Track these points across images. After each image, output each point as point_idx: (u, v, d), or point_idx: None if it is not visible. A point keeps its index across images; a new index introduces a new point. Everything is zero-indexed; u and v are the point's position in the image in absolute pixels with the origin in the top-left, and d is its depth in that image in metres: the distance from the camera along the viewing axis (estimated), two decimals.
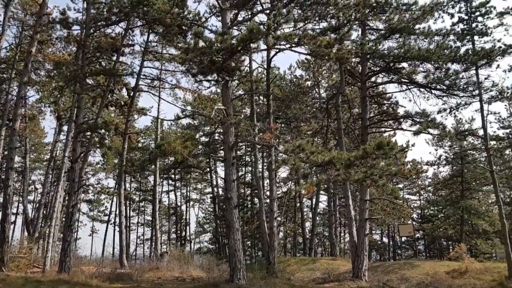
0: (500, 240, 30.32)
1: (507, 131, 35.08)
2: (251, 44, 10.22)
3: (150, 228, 39.91)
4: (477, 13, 17.78)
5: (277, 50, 14.61)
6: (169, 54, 21.42)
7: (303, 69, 30.90)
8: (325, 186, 25.61)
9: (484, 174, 27.50)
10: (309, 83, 30.92)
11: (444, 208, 31.54)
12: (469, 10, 17.95)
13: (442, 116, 15.92)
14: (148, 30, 19.77)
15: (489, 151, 18.41)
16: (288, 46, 11.61)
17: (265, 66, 16.83)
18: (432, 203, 38.07)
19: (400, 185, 42.95)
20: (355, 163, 9.38)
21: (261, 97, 28.74)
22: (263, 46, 11.44)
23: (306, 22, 12.10)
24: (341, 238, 39.29)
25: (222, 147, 32.57)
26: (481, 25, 17.73)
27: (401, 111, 15.99)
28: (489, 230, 28.18)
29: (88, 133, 16.58)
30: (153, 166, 27.38)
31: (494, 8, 17.49)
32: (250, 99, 18.12)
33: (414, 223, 35.43)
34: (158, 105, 25.21)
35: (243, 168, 38.65)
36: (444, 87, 14.90)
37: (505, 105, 35.27)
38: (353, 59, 17.36)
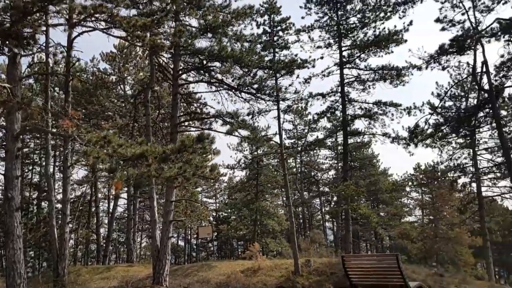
0: (286, 238, 33.70)
1: (292, 141, 39.62)
2: (51, 6, 8.40)
3: None
4: (278, 28, 19.15)
5: (82, 31, 12.76)
6: None
7: (108, 62, 28.59)
8: (132, 183, 23.90)
9: (276, 177, 30.22)
10: (114, 78, 28.80)
11: (240, 210, 33.42)
12: (272, 23, 19.20)
13: (250, 119, 16.51)
14: None
15: (283, 156, 19.93)
16: (96, 25, 10.13)
17: (66, 46, 14.58)
18: (230, 205, 40.02)
19: (199, 189, 43.99)
20: (170, 157, 8.62)
21: (57, 89, 25.44)
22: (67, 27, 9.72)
23: (115, 4, 10.76)
24: (139, 244, 37.82)
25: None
26: (282, 40, 19.21)
27: (212, 111, 15.98)
28: (277, 229, 30.96)
29: None
30: None
31: (293, 24, 19.14)
32: (45, 83, 15.46)
33: (212, 225, 36.49)
34: None
35: (30, 167, 33.49)
36: (253, 91, 15.51)
37: (292, 118, 39.78)
38: (165, 55, 16.66)
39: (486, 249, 26.44)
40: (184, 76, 16.84)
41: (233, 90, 15.52)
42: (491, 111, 17.77)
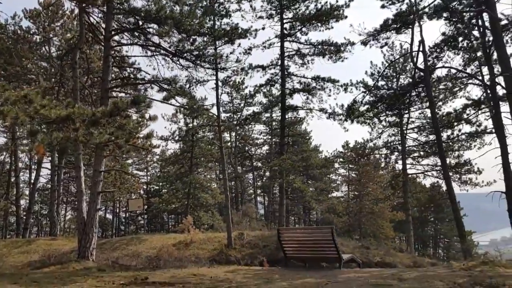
0: (219, 211, 33.58)
1: (228, 114, 39.20)
2: None
3: None
4: None
5: None
6: None
7: (32, 20, 26.05)
8: (56, 149, 22.17)
9: (211, 150, 29.76)
10: (38, 37, 26.37)
11: (173, 183, 32.63)
12: None
13: (188, 88, 15.74)
14: None
15: (220, 128, 19.49)
16: None
17: None
18: (162, 178, 38.96)
19: (130, 160, 42.47)
20: (101, 121, 7.82)
21: None
22: None
23: None
24: (63, 216, 35.89)
25: None
26: (222, 7, 18.46)
27: (147, 78, 14.92)
28: (210, 202, 30.72)
29: None
30: None
31: None
32: None
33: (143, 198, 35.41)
34: None
35: None
36: (193, 57, 14.76)
37: (228, 91, 39.28)
38: (97, 13, 15.34)
39: (408, 223, 28.10)
40: (117, 38, 15.61)
41: (171, 56, 14.65)
42: (424, 89, 18.51)
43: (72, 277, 9.75)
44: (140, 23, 14.13)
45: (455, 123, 20.13)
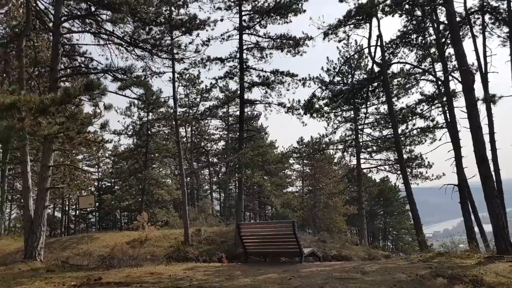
0: (174, 208, 32.83)
1: (183, 109, 38.39)
2: None
3: None
4: None
5: None
6: None
7: None
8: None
9: (166, 145, 28.97)
10: None
11: (126, 179, 31.52)
12: None
13: (144, 79, 15.05)
14: None
15: (177, 121, 18.97)
16: None
17: None
18: (115, 174, 37.58)
19: (80, 156, 40.71)
20: (50, 109, 7.15)
21: None
22: None
23: None
24: (8, 215, 33.86)
25: None
26: None
27: (100, 66, 14.12)
28: (166, 198, 29.95)
29: None
30: None
31: None
32: None
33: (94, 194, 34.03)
34: None
35: None
36: (149, 46, 14.14)
37: (183, 85, 38.50)
38: (46, 1, 14.41)
39: (362, 217, 28.68)
40: (67, 25, 14.69)
41: (125, 45, 13.94)
42: (381, 84, 18.81)
43: (18, 279, 9.04)
44: (93, 9, 13.34)
45: (410, 118, 20.69)
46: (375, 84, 20.10)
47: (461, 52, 11.14)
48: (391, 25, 20.67)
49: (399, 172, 28.29)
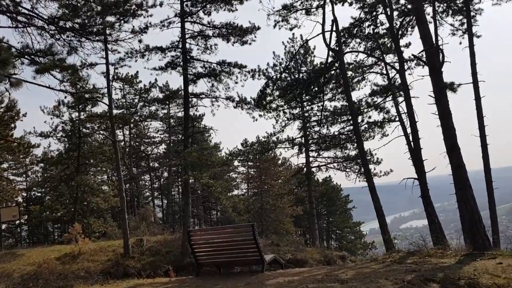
0: (112, 217, 30.14)
1: (121, 111, 35.81)
2: None
3: None
4: None
5: None
6: None
7: None
8: None
9: (102, 148, 26.36)
10: None
11: (57, 187, 28.35)
12: None
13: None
14: None
15: (113, 119, 16.94)
16: None
17: None
18: (43, 181, 33.90)
19: (5, 165, 36.77)
20: None
21: None
22: None
23: None
24: None
25: None
26: None
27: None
28: (102, 207, 27.29)
29: None
30: None
31: None
32: None
33: (20, 206, 30.54)
34: None
35: None
36: (77, 26, 12.07)
37: (120, 86, 36.05)
38: None
39: (313, 217, 27.83)
40: None
41: (47, 24, 11.78)
42: (338, 71, 17.83)
43: None
44: None
45: (365, 110, 19.96)
46: (332, 72, 19.08)
47: (426, 31, 10.30)
48: (346, 15, 19.69)
49: (347, 170, 27.80)
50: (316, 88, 19.28)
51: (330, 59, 17.71)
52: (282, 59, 25.57)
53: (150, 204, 43.36)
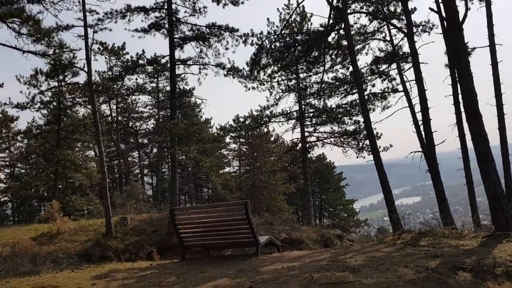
0: (99, 195, 28.71)
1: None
2: None
3: None
4: None
5: None
6: None
7: None
8: None
9: (85, 120, 24.75)
10: None
11: (35, 162, 26.75)
12: None
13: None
14: None
15: (92, 87, 15.42)
16: None
17: None
18: (25, 157, 32.08)
19: None
20: None
21: None
22: None
23: None
24: None
25: None
26: None
27: None
28: (86, 184, 25.85)
29: None
30: None
31: None
32: None
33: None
34: None
35: None
36: None
37: (106, 58, 34.13)
38: None
39: (308, 194, 26.75)
40: None
41: None
42: (342, 32, 16.25)
43: None
44: None
45: (369, 77, 18.51)
46: (333, 35, 17.53)
47: None
48: None
49: (344, 146, 26.60)
50: (316, 53, 17.74)
51: (331, 22, 16.16)
52: (277, 26, 23.94)
53: (139, 181, 42.03)
